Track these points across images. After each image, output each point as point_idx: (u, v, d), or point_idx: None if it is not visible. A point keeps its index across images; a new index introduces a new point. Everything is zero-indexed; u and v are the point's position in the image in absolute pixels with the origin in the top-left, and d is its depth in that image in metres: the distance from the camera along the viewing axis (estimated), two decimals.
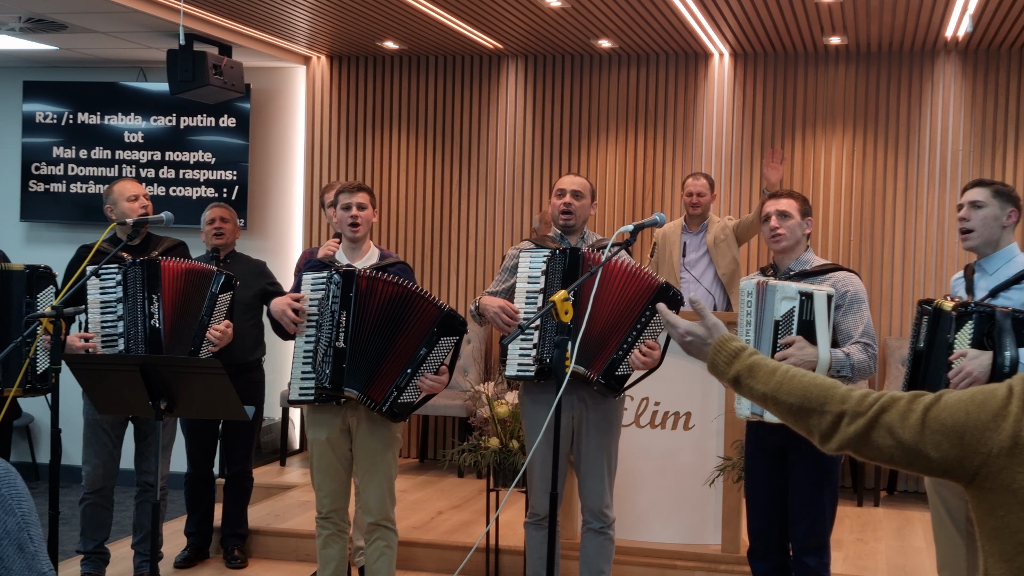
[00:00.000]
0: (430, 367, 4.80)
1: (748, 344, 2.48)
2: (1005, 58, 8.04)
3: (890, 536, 6.92)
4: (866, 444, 2.13)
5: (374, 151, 9.05)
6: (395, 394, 4.80)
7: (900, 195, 8.19)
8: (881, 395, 2.15)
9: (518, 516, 6.30)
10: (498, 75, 8.84)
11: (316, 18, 7.60)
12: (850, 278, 4.58)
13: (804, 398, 2.23)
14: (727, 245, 7.27)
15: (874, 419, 2.12)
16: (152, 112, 9.18)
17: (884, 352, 8.10)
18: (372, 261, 5.01)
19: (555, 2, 6.89)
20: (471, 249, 8.90)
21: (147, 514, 5.86)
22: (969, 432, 2.01)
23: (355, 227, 4.96)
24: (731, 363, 2.42)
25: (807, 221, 4.65)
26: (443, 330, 4.79)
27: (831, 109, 8.29)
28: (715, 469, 5.92)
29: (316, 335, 4.85)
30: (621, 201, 8.61)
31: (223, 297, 5.43)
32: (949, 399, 2.07)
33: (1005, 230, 4.39)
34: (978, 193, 4.40)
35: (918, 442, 2.06)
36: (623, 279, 4.77)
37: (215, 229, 6.23)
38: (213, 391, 4.48)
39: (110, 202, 5.80)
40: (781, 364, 2.34)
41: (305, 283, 4.92)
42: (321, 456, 4.97)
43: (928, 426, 2.06)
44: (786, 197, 4.67)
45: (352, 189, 4.98)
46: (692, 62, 8.51)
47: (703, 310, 2.59)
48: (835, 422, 2.17)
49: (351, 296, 4.79)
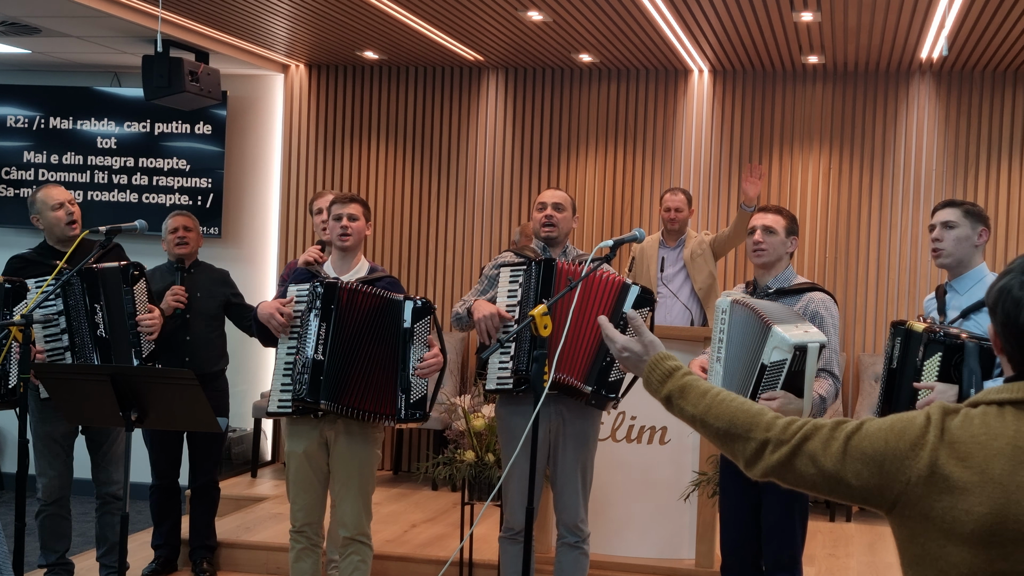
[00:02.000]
0: (418, 354, 4.77)
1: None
2: (978, 80, 8.09)
3: (862, 551, 6.93)
4: (789, 471, 2.15)
5: (352, 161, 9.02)
6: (404, 397, 4.78)
7: (875, 213, 8.23)
8: (805, 423, 2.16)
9: (492, 530, 6.27)
10: (478, 87, 8.83)
11: (295, 27, 7.57)
12: (825, 301, 4.58)
13: (731, 423, 2.24)
14: (704, 260, 7.28)
15: (797, 447, 2.13)
16: (126, 118, 9.11)
17: (858, 368, 8.13)
18: (360, 274, 4.97)
19: (536, 16, 6.89)
20: (449, 261, 8.87)
21: (111, 526, 5.76)
22: (888, 461, 2.03)
23: (344, 237, 4.92)
24: (664, 382, 2.42)
25: (792, 240, 4.65)
26: (416, 316, 4.77)
27: (808, 127, 8.32)
28: (690, 484, 5.91)
29: (296, 347, 4.82)
30: (600, 215, 8.61)
31: (138, 287, 5.32)
32: (870, 428, 2.09)
33: (976, 249, 4.43)
34: (950, 213, 4.43)
35: (839, 470, 2.08)
36: (602, 288, 4.76)
37: (178, 238, 6.09)
38: (185, 402, 4.43)
39: (35, 212, 5.62)
40: (713, 387, 2.35)
41: (290, 293, 4.90)
42: (297, 469, 4.93)
43: (849, 454, 2.07)
44: (774, 213, 4.66)
45: (345, 200, 4.95)
46: (672, 78, 8.52)
47: (640, 327, 2.59)
48: (759, 449, 2.19)
49: (332, 308, 4.76)
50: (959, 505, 1.95)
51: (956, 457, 1.98)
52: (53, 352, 5.27)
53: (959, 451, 1.98)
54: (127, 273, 5.32)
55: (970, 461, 1.97)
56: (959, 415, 2.03)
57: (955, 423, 2.02)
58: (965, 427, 2.01)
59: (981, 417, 2.01)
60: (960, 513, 1.95)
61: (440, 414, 7.70)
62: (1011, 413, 2.00)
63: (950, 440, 2.00)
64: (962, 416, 2.03)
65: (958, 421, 2.02)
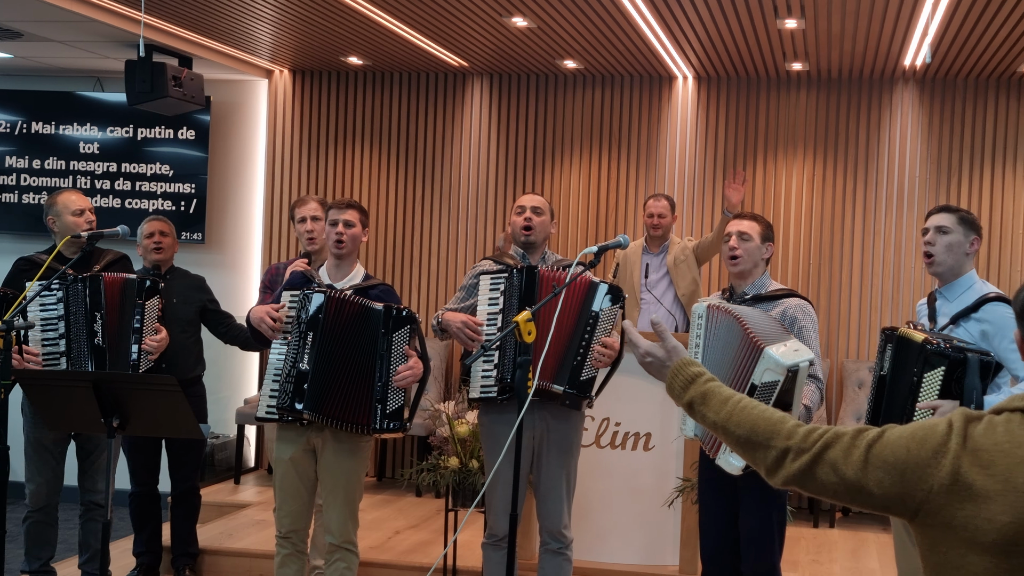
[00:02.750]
0: (395, 364, 4.75)
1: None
2: (961, 87, 8.13)
3: (845, 557, 6.94)
4: (810, 480, 2.14)
5: (336, 166, 9.00)
6: (380, 408, 4.74)
7: (858, 219, 8.25)
8: (826, 431, 2.15)
9: (476, 536, 6.25)
10: (463, 93, 8.83)
11: (279, 32, 7.55)
12: (803, 306, 4.58)
13: (752, 431, 2.24)
14: (687, 266, 7.29)
15: (818, 455, 2.13)
16: (109, 123, 9.08)
17: (841, 375, 8.15)
18: (355, 282, 4.96)
19: (521, 22, 6.89)
20: (433, 266, 8.86)
21: (93, 533, 5.74)
22: (910, 469, 2.02)
23: (339, 244, 4.90)
24: (687, 388, 2.43)
25: (767, 246, 4.66)
26: (394, 326, 4.74)
27: (792, 133, 8.34)
28: (674, 490, 5.92)
29: (286, 353, 4.81)
30: (584, 221, 8.62)
31: (150, 303, 5.32)
32: (891, 436, 2.08)
33: (967, 257, 4.44)
34: (944, 219, 4.44)
35: (861, 479, 2.07)
36: (572, 288, 4.76)
37: (154, 243, 6.06)
38: (168, 408, 4.41)
39: (53, 214, 5.64)
40: (735, 394, 2.35)
41: (284, 299, 4.89)
42: (284, 475, 4.91)
43: (871, 463, 2.06)
44: (749, 219, 4.68)
45: (342, 206, 4.93)
46: (656, 84, 8.53)
47: (664, 332, 2.59)
48: (780, 457, 2.18)
49: (319, 318, 4.76)
50: (981, 513, 1.94)
51: (979, 465, 1.96)
52: (49, 356, 5.26)
53: (982, 459, 1.97)
54: (142, 286, 5.31)
55: (993, 469, 1.95)
56: (982, 422, 2.02)
57: (978, 430, 2.00)
58: (988, 434, 1.99)
59: (1005, 425, 1.99)
60: (982, 522, 1.93)
61: (424, 420, 7.69)
62: None
63: (973, 447, 1.98)
64: (985, 423, 2.01)
65: (981, 428, 2.01)
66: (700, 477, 4.74)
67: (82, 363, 5.24)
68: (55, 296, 5.26)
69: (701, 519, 4.73)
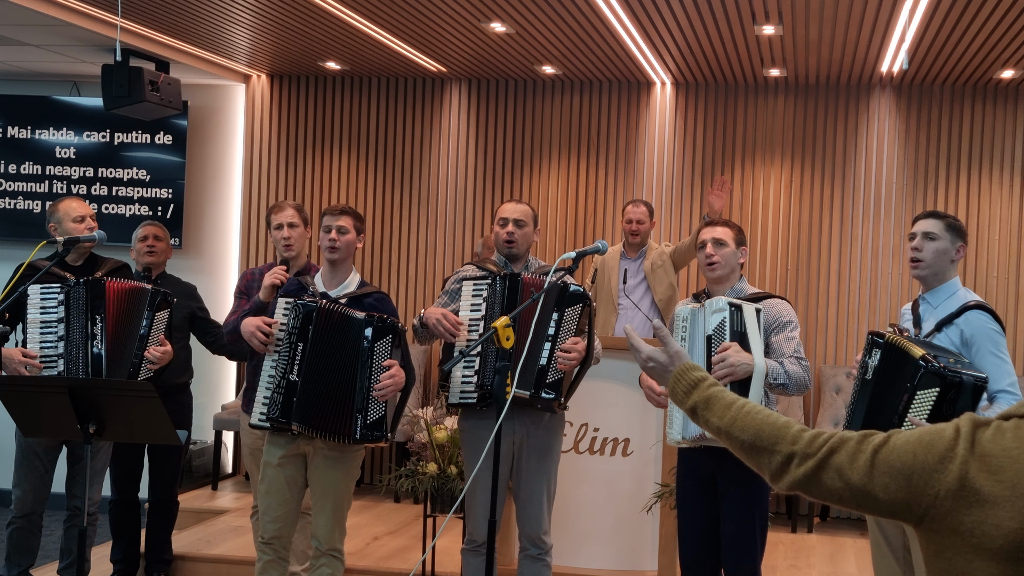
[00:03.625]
0: (376, 374, 4.73)
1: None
2: (938, 94, 8.17)
3: (823, 562, 6.95)
4: (816, 485, 2.12)
5: (314, 172, 8.98)
6: (360, 418, 4.71)
7: (836, 225, 8.28)
8: (831, 435, 2.13)
9: (455, 542, 6.25)
10: (441, 98, 8.82)
11: (256, 36, 7.53)
12: (782, 304, 4.65)
13: (756, 436, 2.22)
14: (664, 271, 7.30)
15: (823, 461, 2.11)
16: (85, 127, 9.03)
17: (819, 380, 8.17)
18: (349, 289, 4.94)
19: (499, 27, 6.89)
20: (412, 272, 8.85)
21: (75, 539, 5.72)
22: (917, 474, 2.00)
23: (333, 250, 4.89)
24: (689, 393, 2.42)
25: (741, 251, 4.70)
26: (376, 336, 4.72)
27: (770, 139, 8.37)
28: (652, 495, 5.92)
29: (278, 361, 4.80)
30: (563, 226, 8.62)
31: (160, 315, 5.32)
32: (897, 441, 2.06)
33: (952, 264, 4.46)
34: (932, 225, 4.46)
35: (867, 484, 2.05)
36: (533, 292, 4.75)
37: (148, 247, 6.12)
38: (144, 414, 4.38)
39: (55, 221, 5.66)
40: (738, 398, 2.33)
41: (279, 306, 4.87)
42: (271, 480, 4.89)
43: (877, 468, 2.04)
44: (722, 226, 4.71)
45: (336, 212, 4.91)
46: (634, 90, 8.55)
47: (666, 337, 2.59)
48: (785, 463, 2.16)
49: (309, 328, 4.74)
50: (989, 519, 1.92)
51: (987, 470, 1.95)
52: (47, 359, 5.23)
53: (990, 464, 1.95)
54: (155, 298, 5.29)
55: (1001, 475, 1.93)
56: (991, 427, 2.00)
57: (986, 436, 1.99)
58: (997, 440, 1.97)
59: (1014, 431, 1.97)
60: (990, 528, 1.92)
61: (403, 426, 7.67)
62: None
63: (981, 453, 1.96)
64: (994, 429, 1.99)
65: (989, 434, 1.99)
66: (679, 482, 4.74)
67: (78, 367, 5.22)
68: (56, 299, 5.25)
69: (680, 524, 4.73)
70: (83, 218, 5.65)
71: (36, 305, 5.23)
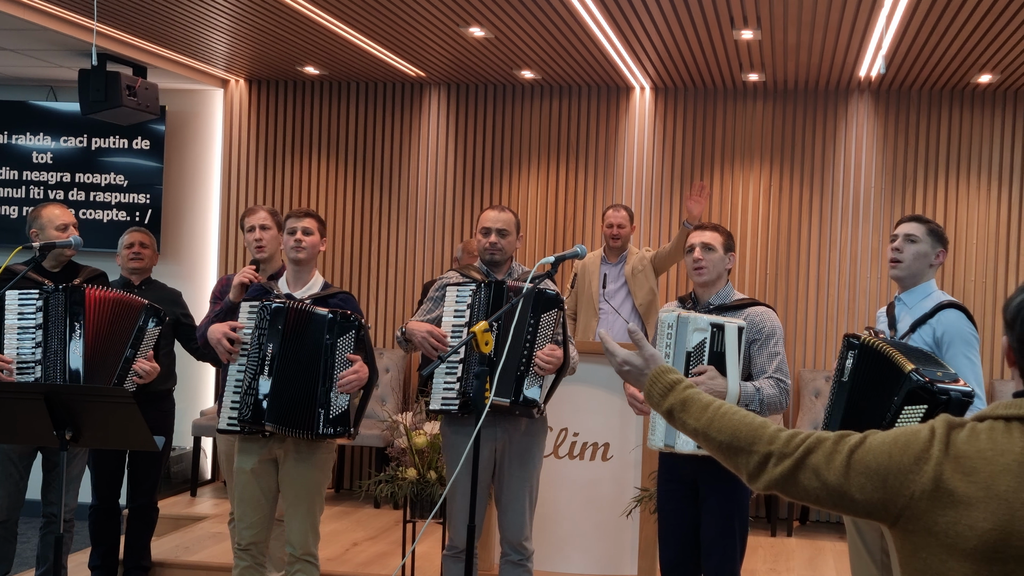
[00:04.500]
0: (339, 369, 4.73)
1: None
2: (915, 98, 8.20)
3: (802, 566, 6.96)
4: (793, 485, 2.14)
5: (293, 177, 8.96)
6: (323, 413, 4.71)
7: (815, 229, 8.31)
8: (808, 435, 2.15)
9: (435, 548, 6.23)
10: (420, 103, 8.81)
11: (234, 41, 7.51)
12: (767, 313, 4.63)
13: (733, 436, 2.23)
14: (644, 276, 7.31)
15: (800, 460, 2.13)
16: (62, 132, 8.98)
17: (798, 384, 8.19)
18: (314, 291, 4.95)
19: (478, 32, 6.88)
20: (391, 277, 8.83)
21: (51, 546, 5.70)
22: (892, 475, 2.02)
23: (298, 251, 4.89)
24: (666, 396, 2.42)
25: (729, 256, 4.68)
26: (336, 332, 4.72)
27: (748, 144, 8.39)
28: (632, 500, 5.92)
29: (247, 365, 4.78)
30: (542, 231, 8.62)
31: (152, 331, 5.30)
32: (873, 441, 2.08)
33: (931, 268, 4.50)
34: (914, 228, 4.50)
35: (843, 484, 2.07)
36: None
37: (133, 254, 6.12)
38: (121, 420, 4.35)
39: (37, 227, 5.62)
40: (715, 400, 2.34)
41: (243, 310, 4.87)
42: (245, 486, 4.88)
43: (853, 468, 2.06)
44: (711, 230, 4.70)
45: (300, 215, 4.94)
46: (614, 95, 8.56)
47: (641, 340, 2.59)
48: (762, 462, 2.18)
49: (279, 329, 4.74)
50: (963, 520, 1.94)
51: (961, 471, 1.97)
52: (24, 364, 5.19)
53: (964, 465, 1.97)
54: (150, 311, 5.28)
55: (975, 476, 1.95)
56: (965, 429, 2.02)
57: (961, 437, 2.01)
58: (971, 442, 1.99)
59: (988, 432, 2.00)
60: (964, 528, 1.94)
61: (382, 432, 7.66)
62: (1019, 429, 1.98)
63: (955, 454, 1.99)
64: (968, 430, 2.01)
65: (964, 435, 2.01)
66: (660, 486, 4.74)
67: (56, 373, 5.18)
68: (34, 305, 5.21)
69: (661, 528, 4.72)
70: (66, 226, 5.62)
71: (14, 310, 5.20)
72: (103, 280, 5.74)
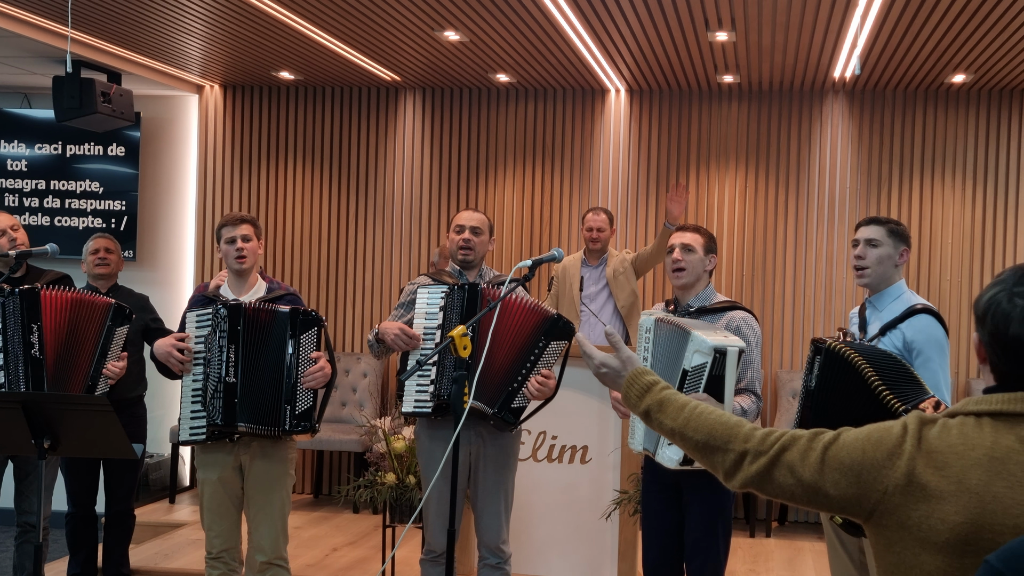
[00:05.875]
0: (303, 366, 4.74)
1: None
2: (890, 99, 8.24)
3: (781, 567, 6.98)
4: (768, 482, 2.17)
5: (269, 182, 8.94)
6: (288, 408, 4.72)
7: (790, 230, 8.33)
8: (783, 433, 2.18)
9: (414, 552, 6.23)
10: (395, 107, 8.81)
11: (209, 47, 7.49)
12: (746, 319, 4.59)
13: (710, 435, 2.26)
14: (626, 278, 7.33)
15: (775, 458, 2.16)
16: (37, 139, 8.94)
17: (775, 385, 8.22)
18: (260, 294, 4.97)
19: (453, 36, 6.88)
20: (367, 281, 8.82)
21: (28, 555, 5.67)
22: (866, 470, 2.06)
23: (241, 259, 4.90)
24: (643, 397, 2.45)
25: (710, 258, 4.66)
26: (300, 329, 4.74)
27: (724, 145, 8.41)
28: (612, 503, 5.92)
29: (205, 372, 4.78)
30: (518, 234, 8.62)
31: (120, 330, 5.28)
32: (847, 438, 2.11)
33: (896, 268, 4.48)
34: (874, 231, 4.47)
35: (818, 480, 2.10)
36: (521, 314, 4.74)
37: (99, 259, 6.08)
38: (100, 429, 4.34)
39: None
40: (691, 400, 2.37)
41: (189, 321, 4.86)
42: (212, 495, 4.88)
43: (827, 464, 2.10)
44: (692, 231, 4.68)
45: (235, 221, 4.93)
46: (589, 97, 8.57)
47: (618, 342, 2.61)
48: (738, 460, 2.21)
49: (239, 330, 4.74)
50: (935, 514, 1.97)
51: (933, 466, 2.00)
52: None
53: (936, 460, 2.00)
54: (118, 313, 5.26)
55: (947, 471, 1.99)
56: (936, 425, 2.05)
57: (932, 433, 2.04)
58: (943, 437, 2.02)
59: (959, 427, 2.03)
60: (936, 522, 1.97)
61: (360, 436, 7.64)
62: (989, 424, 2.01)
63: (927, 449, 2.02)
64: (940, 426, 2.05)
65: (936, 431, 2.04)
66: (643, 488, 4.74)
67: (18, 376, 5.16)
68: None
69: (644, 529, 4.72)
70: (3, 231, 5.62)
71: None
72: (67, 283, 5.71)
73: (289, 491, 4.97)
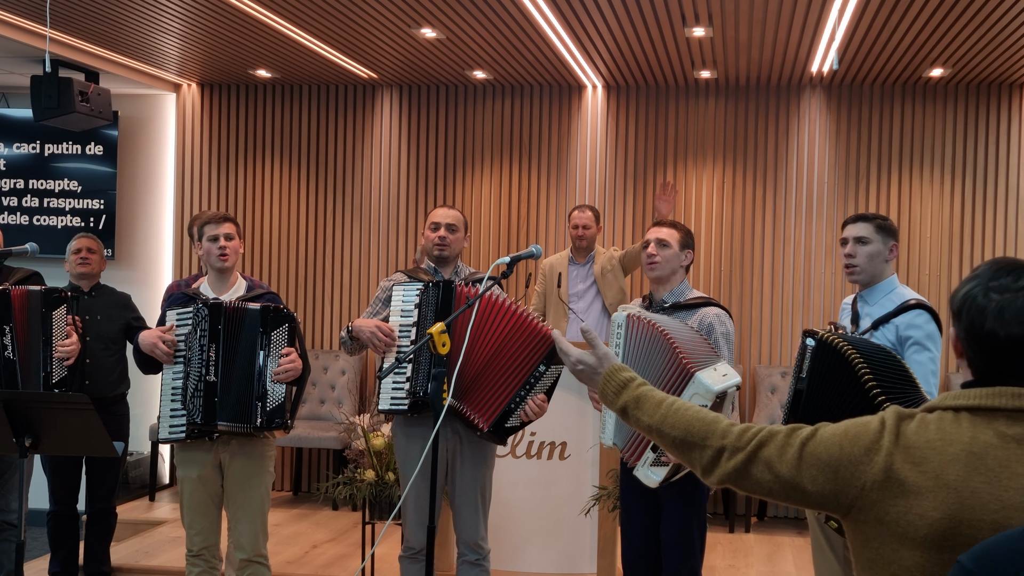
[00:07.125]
0: (274, 361, 4.76)
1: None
2: (867, 94, 8.28)
3: (761, 562, 7.01)
4: (746, 478, 2.17)
5: (247, 180, 8.93)
6: (260, 405, 4.75)
7: (768, 226, 8.36)
8: (760, 429, 2.18)
9: (394, 549, 6.23)
10: (373, 104, 8.80)
11: (186, 46, 7.47)
12: (720, 316, 4.58)
13: (687, 432, 2.26)
14: (614, 276, 7.35)
15: (752, 454, 2.16)
16: (14, 139, 8.91)
17: (754, 380, 8.24)
18: (240, 293, 4.98)
19: (429, 33, 6.89)
20: (345, 279, 8.82)
21: (7, 554, 5.68)
22: (843, 466, 2.06)
23: (224, 257, 4.91)
24: (619, 393, 2.45)
25: (687, 253, 4.66)
26: (271, 325, 4.76)
27: (701, 141, 8.43)
28: (590, 499, 5.94)
29: (185, 371, 4.79)
30: (496, 231, 8.63)
31: (56, 312, 5.27)
32: (824, 433, 2.11)
33: (887, 264, 4.50)
34: (862, 228, 4.49)
35: (795, 476, 2.10)
36: (509, 320, 4.69)
37: (81, 259, 6.09)
38: (81, 427, 4.35)
39: None
40: (668, 396, 2.37)
41: (170, 319, 4.87)
42: (192, 494, 4.89)
43: (805, 460, 2.10)
44: (668, 226, 4.68)
45: (218, 220, 4.94)
46: (566, 94, 8.58)
47: (594, 339, 2.62)
48: (715, 456, 2.21)
49: (219, 329, 4.75)
50: (913, 509, 1.98)
51: (911, 461, 2.00)
52: None
53: (914, 456, 2.00)
54: (48, 297, 5.24)
55: (925, 466, 1.99)
56: (914, 420, 2.06)
57: (911, 428, 2.04)
58: (921, 432, 2.03)
59: (937, 423, 2.03)
60: (914, 517, 1.97)
61: (339, 434, 7.64)
62: (967, 419, 2.02)
63: (905, 445, 2.02)
64: (918, 421, 2.05)
65: (914, 426, 2.04)
66: (622, 485, 4.75)
67: None
68: None
69: (623, 526, 4.73)
70: None
71: None
72: (37, 279, 5.70)
73: (268, 488, 4.98)
